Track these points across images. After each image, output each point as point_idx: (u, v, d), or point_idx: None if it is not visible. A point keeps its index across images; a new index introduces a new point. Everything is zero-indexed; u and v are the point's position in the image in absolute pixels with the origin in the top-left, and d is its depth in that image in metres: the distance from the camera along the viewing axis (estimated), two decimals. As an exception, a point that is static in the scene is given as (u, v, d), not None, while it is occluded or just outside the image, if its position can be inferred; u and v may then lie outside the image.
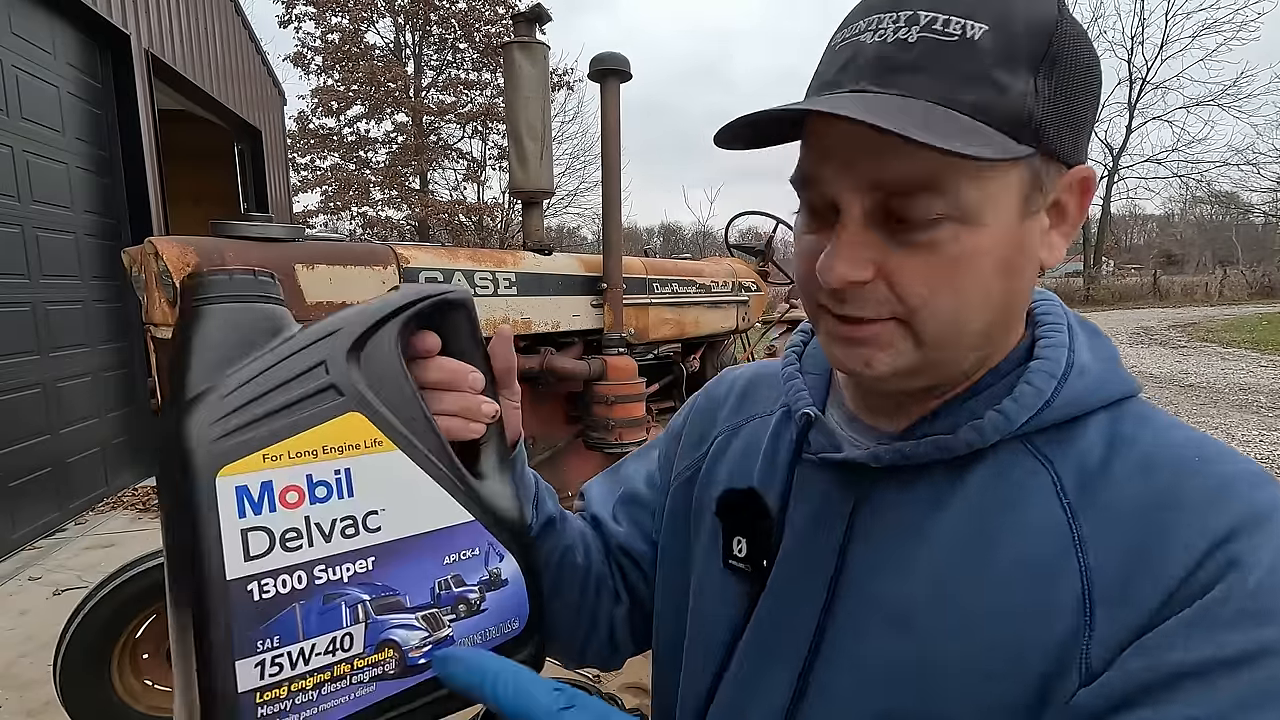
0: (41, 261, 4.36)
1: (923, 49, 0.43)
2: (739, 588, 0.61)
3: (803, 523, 0.58)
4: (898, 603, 0.50)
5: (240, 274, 0.46)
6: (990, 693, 0.45)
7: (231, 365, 0.43)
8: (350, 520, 0.44)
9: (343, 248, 1.83)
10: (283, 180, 9.51)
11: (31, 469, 4.24)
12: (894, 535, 0.52)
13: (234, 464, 0.40)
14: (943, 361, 0.50)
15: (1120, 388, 0.51)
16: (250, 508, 0.41)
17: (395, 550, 0.45)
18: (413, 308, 0.50)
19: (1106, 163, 25.64)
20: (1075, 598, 0.43)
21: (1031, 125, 0.44)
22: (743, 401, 0.71)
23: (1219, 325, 16.40)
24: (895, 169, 0.44)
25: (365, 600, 0.44)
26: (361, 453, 0.45)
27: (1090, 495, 0.46)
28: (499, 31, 18.20)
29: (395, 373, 0.48)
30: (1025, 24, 0.43)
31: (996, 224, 0.45)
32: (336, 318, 0.48)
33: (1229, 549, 0.41)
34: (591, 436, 2.43)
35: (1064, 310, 0.55)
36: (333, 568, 0.43)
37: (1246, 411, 7.23)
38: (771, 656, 0.57)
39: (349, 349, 0.46)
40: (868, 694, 0.50)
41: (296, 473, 0.42)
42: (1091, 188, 0.50)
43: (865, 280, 0.46)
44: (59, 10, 4.56)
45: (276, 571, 0.41)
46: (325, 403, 0.44)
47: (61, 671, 2.19)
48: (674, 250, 31.80)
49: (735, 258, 3.71)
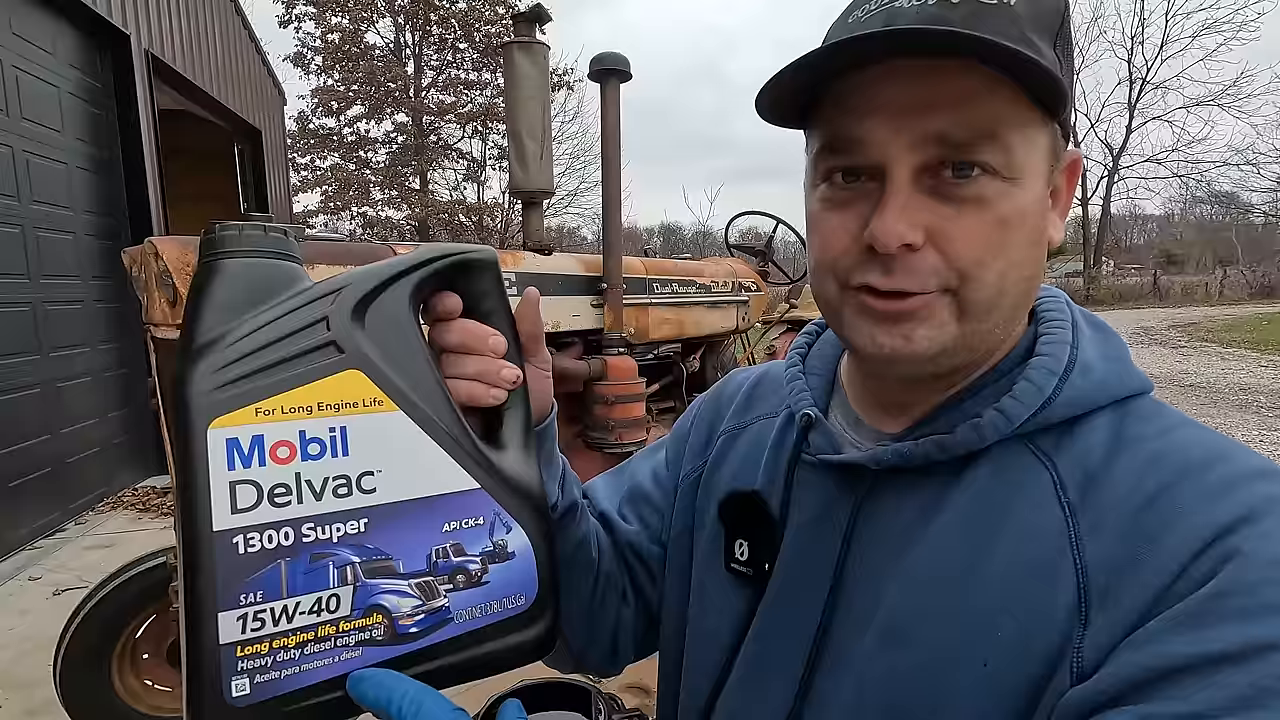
0: (41, 261, 4.36)
1: (967, 9, 0.43)
2: (741, 592, 0.60)
3: (803, 526, 0.57)
4: (898, 610, 0.49)
5: (252, 229, 0.45)
6: (989, 696, 0.44)
7: (238, 318, 0.43)
8: (343, 480, 0.43)
9: (343, 248, 1.83)
10: (283, 180, 9.51)
11: (31, 469, 4.24)
12: (893, 539, 0.51)
13: (226, 416, 0.40)
14: (976, 338, 0.49)
15: (1129, 385, 0.50)
16: (240, 460, 0.40)
17: (390, 513, 0.44)
18: (426, 267, 0.49)
19: (1106, 163, 25.67)
20: (1071, 597, 0.43)
21: (1059, 90, 0.44)
22: (748, 403, 0.70)
23: (1219, 325, 16.41)
24: (957, 118, 0.43)
25: (355, 562, 0.43)
26: (359, 411, 0.44)
27: (1090, 495, 0.45)
28: (499, 31, 18.20)
29: (405, 334, 0.47)
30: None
31: (1033, 186, 0.46)
32: (346, 275, 0.47)
33: (1229, 541, 0.40)
34: (591, 436, 2.43)
35: (1069, 306, 0.54)
36: (322, 527, 0.42)
37: (1247, 411, 7.23)
38: (772, 662, 0.56)
39: (354, 306, 0.45)
40: (868, 704, 0.49)
41: (289, 428, 0.42)
42: (1079, 171, 0.51)
43: (918, 244, 0.45)
44: (59, 10, 4.56)
45: (263, 526, 0.40)
46: (324, 359, 0.43)
47: (61, 671, 2.20)
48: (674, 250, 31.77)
49: (735, 258, 3.71)
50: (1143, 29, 29.21)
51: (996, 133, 0.44)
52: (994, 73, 0.43)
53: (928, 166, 0.45)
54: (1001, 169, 0.44)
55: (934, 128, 0.44)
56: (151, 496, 5.06)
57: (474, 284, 0.52)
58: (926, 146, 0.44)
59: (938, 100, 0.43)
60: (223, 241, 0.44)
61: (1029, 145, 0.45)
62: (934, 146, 0.44)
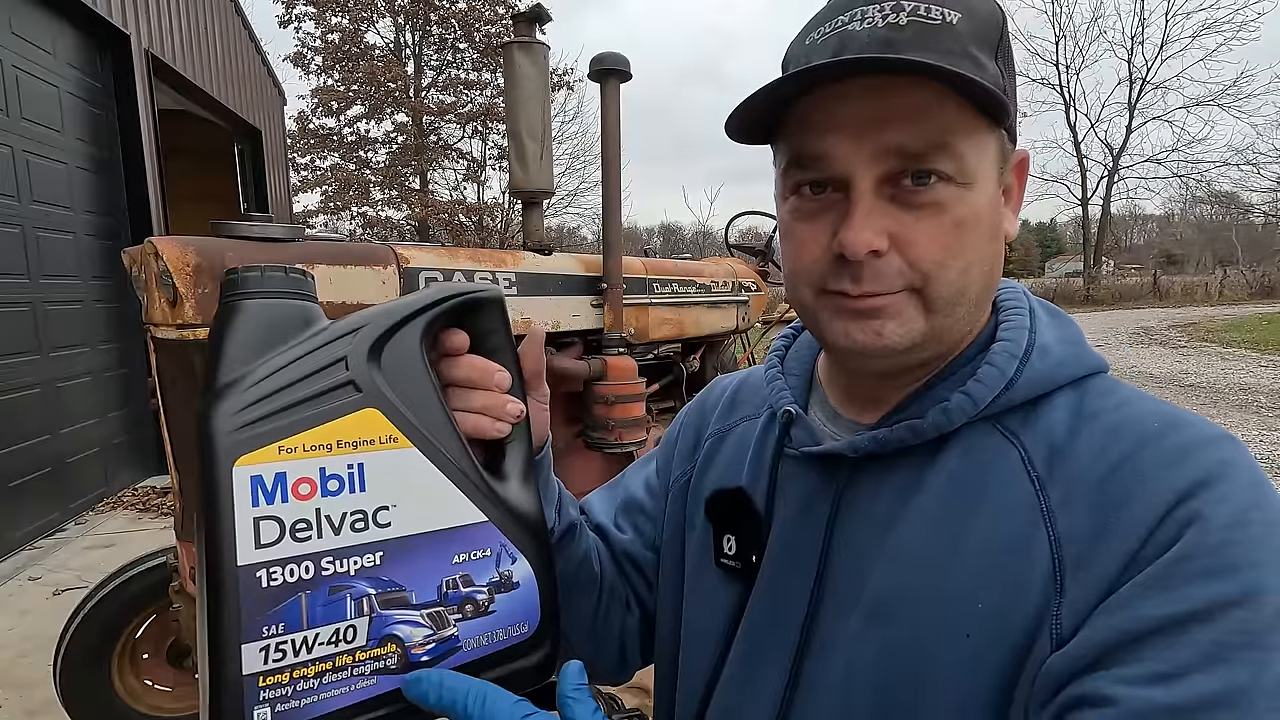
0: (41, 261, 4.36)
1: (914, 30, 0.47)
2: (731, 586, 0.62)
3: (788, 518, 0.59)
4: (881, 591, 0.51)
5: (273, 270, 0.47)
6: (972, 668, 0.46)
7: (259, 359, 0.44)
8: (360, 514, 0.44)
9: (343, 248, 1.83)
10: (283, 180, 9.51)
11: (31, 469, 4.24)
12: (873, 523, 0.53)
13: (250, 454, 0.42)
14: (944, 330, 0.52)
15: (1085, 365, 0.53)
16: (264, 497, 0.42)
17: (404, 547, 0.46)
18: (438, 306, 0.51)
19: (1106, 163, 25.66)
20: (1047, 566, 0.45)
21: (1001, 100, 0.47)
22: (732, 405, 0.72)
23: (1219, 325, 16.40)
24: (911, 131, 0.47)
25: (371, 594, 0.44)
26: (376, 448, 0.45)
27: (1057, 467, 0.48)
28: (499, 31, 18.19)
29: (417, 371, 0.49)
30: (985, 15, 0.49)
31: (985, 188, 0.50)
32: (362, 315, 0.48)
33: (1189, 505, 0.42)
34: (591, 436, 2.43)
35: (1025, 295, 0.57)
36: (340, 560, 0.43)
37: (1246, 411, 7.23)
38: (764, 653, 0.57)
39: (370, 346, 0.47)
40: (856, 684, 0.51)
41: (310, 465, 0.43)
42: (1028, 169, 0.56)
43: (883, 250, 0.48)
44: (59, 10, 4.56)
45: (285, 560, 0.42)
46: (342, 398, 0.45)
47: (61, 671, 2.19)
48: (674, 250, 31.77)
49: (735, 258, 3.71)
50: (1143, 29, 29.23)
51: (948, 142, 0.47)
52: (942, 88, 0.46)
53: (888, 176, 0.48)
54: (955, 175, 0.48)
55: (891, 140, 0.47)
56: (151, 496, 5.06)
57: (481, 322, 0.54)
58: (886, 158, 0.48)
59: (893, 115, 0.47)
60: (245, 283, 0.46)
61: (979, 151, 0.49)
62: (893, 158, 0.48)
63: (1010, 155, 0.53)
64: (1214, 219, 35.89)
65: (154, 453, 5.40)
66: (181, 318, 1.52)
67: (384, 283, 1.83)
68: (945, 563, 0.48)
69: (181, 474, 1.76)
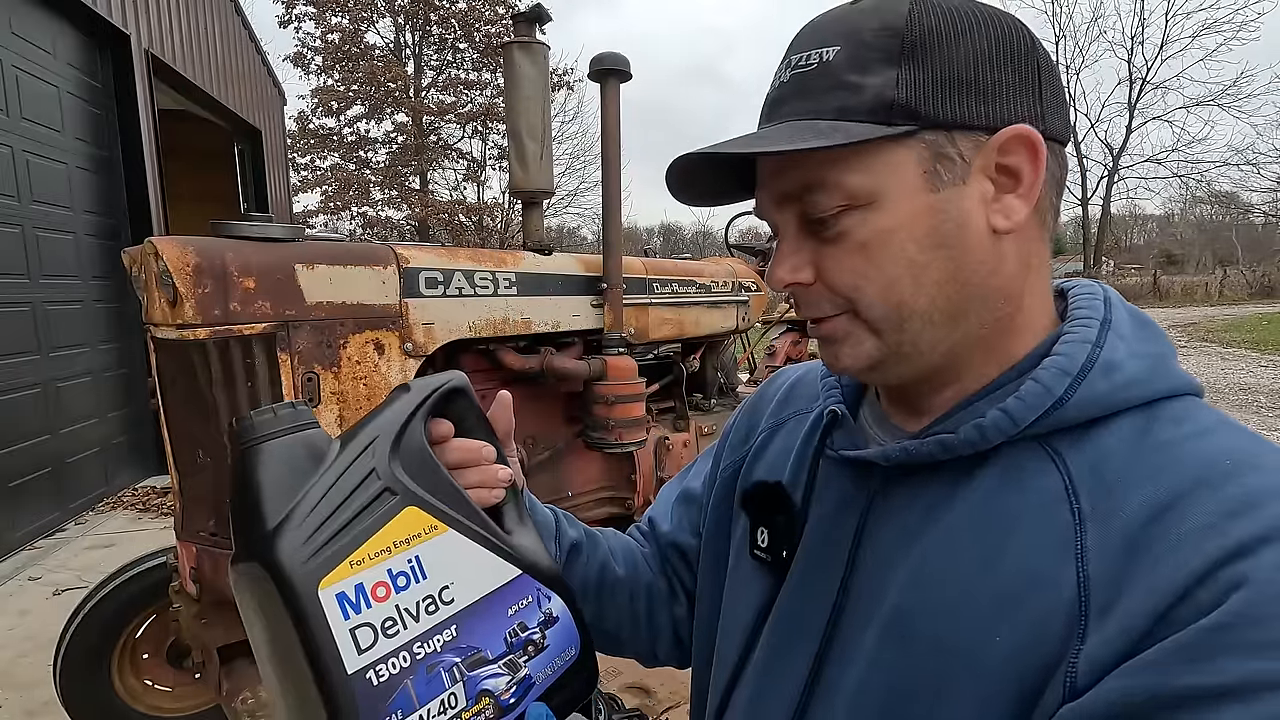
0: (41, 261, 4.36)
1: (793, 83, 0.51)
2: (763, 579, 0.63)
3: (822, 519, 0.59)
4: (900, 606, 0.50)
5: (282, 409, 0.51)
6: (980, 699, 0.44)
7: (293, 494, 0.48)
8: (430, 598, 0.50)
9: (343, 248, 1.83)
10: (283, 180, 9.51)
11: (31, 469, 4.24)
12: (900, 536, 0.52)
13: (328, 576, 0.47)
14: (908, 345, 0.51)
15: (1162, 386, 0.48)
16: (351, 609, 0.47)
17: (469, 614, 0.52)
18: (427, 402, 0.57)
19: (1106, 163, 25.65)
20: (1071, 610, 0.42)
21: (897, 108, 0.47)
22: (788, 399, 0.73)
23: (1219, 325, 16.40)
24: (786, 180, 0.52)
25: (458, 662, 0.50)
26: (424, 540, 0.52)
27: (1103, 501, 0.44)
28: (499, 31, 18.18)
29: (428, 462, 0.55)
30: (873, 33, 0.49)
31: (899, 201, 0.49)
32: (370, 428, 0.53)
33: (1238, 566, 0.37)
34: (591, 436, 2.42)
35: (1105, 302, 0.52)
36: (427, 641, 0.49)
37: (1247, 411, 7.23)
38: (788, 648, 0.58)
39: (389, 452, 0.52)
40: (869, 695, 0.50)
41: (379, 570, 0.49)
42: (1034, 144, 0.48)
43: (807, 282, 0.53)
44: (59, 10, 4.56)
45: (385, 657, 0.47)
46: (385, 505, 0.51)
47: (61, 671, 2.19)
48: (674, 250, 31.78)
49: (735, 258, 3.71)
50: (1143, 29, 29.18)
51: (823, 180, 0.49)
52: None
53: (804, 217, 0.52)
54: (849, 201, 0.49)
55: (780, 189, 0.53)
56: (151, 496, 5.06)
57: (458, 406, 0.60)
58: (788, 204, 0.53)
59: (777, 167, 0.53)
60: (259, 428, 0.50)
61: (872, 171, 0.48)
62: (791, 203, 0.52)
63: (975, 147, 0.48)
64: (1214, 219, 35.86)
65: (154, 453, 5.40)
66: (181, 318, 1.52)
67: (384, 283, 1.83)
68: (967, 587, 0.46)
69: (181, 474, 1.76)
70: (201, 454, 1.69)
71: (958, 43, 0.48)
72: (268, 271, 1.61)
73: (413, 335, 1.89)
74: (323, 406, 1.71)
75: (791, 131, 0.49)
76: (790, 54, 0.52)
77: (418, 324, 1.90)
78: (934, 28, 0.48)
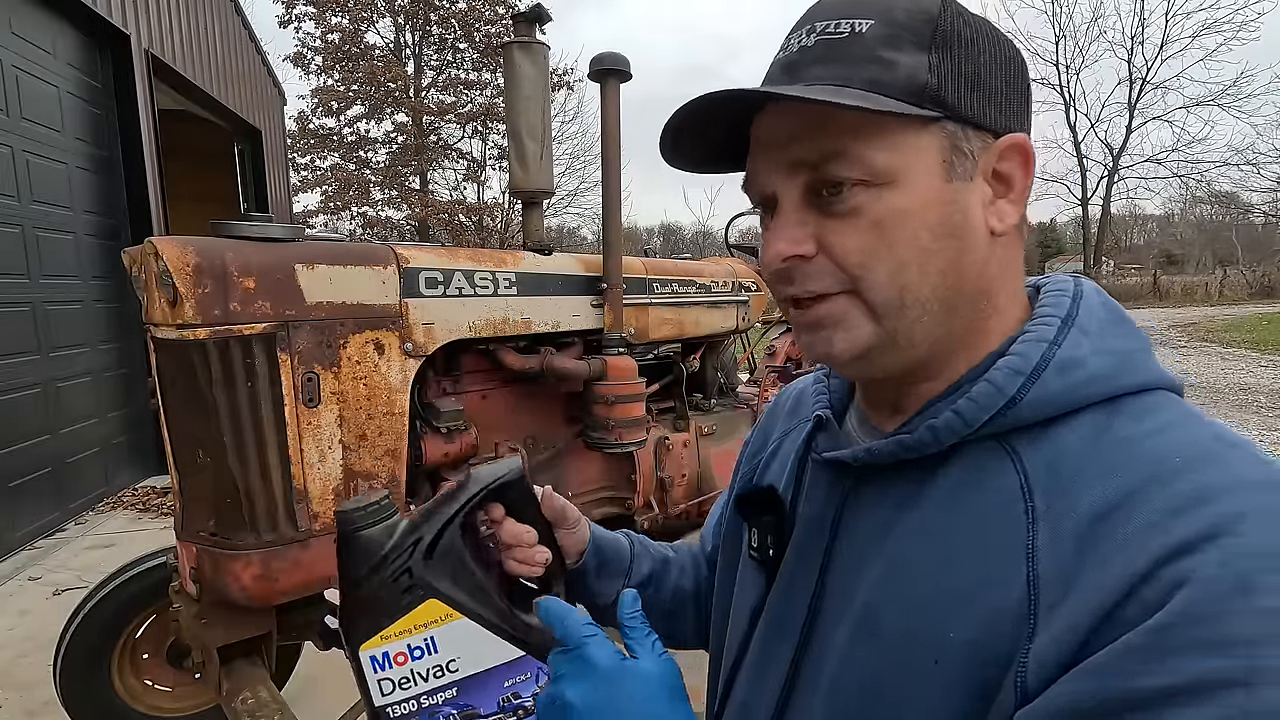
0: (41, 261, 4.36)
1: (819, 48, 0.50)
2: (758, 578, 0.65)
3: (806, 520, 0.61)
4: (869, 602, 0.51)
5: (381, 502, 0.67)
6: (940, 694, 0.44)
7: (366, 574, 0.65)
8: (438, 667, 0.67)
9: (343, 248, 1.83)
10: (283, 180, 9.51)
11: (31, 469, 4.24)
12: (869, 533, 0.54)
13: (367, 643, 0.66)
14: (903, 334, 0.50)
15: (1130, 381, 0.48)
16: (379, 667, 0.66)
17: (470, 681, 0.68)
18: (475, 499, 0.70)
19: (1106, 163, 25.63)
20: (1020, 607, 0.42)
21: (928, 93, 0.48)
22: (797, 407, 0.75)
23: (1219, 325, 16.40)
24: (803, 146, 0.50)
25: (454, 713, 0.68)
26: (439, 624, 0.67)
27: (1057, 498, 0.44)
28: (499, 31, 18.18)
29: (460, 558, 0.69)
30: (907, 13, 0.49)
31: (917, 184, 0.48)
32: (418, 526, 0.68)
33: (1183, 563, 0.37)
34: (591, 436, 2.42)
35: (1074, 298, 0.52)
36: (432, 695, 0.67)
37: (1246, 411, 7.23)
38: (774, 645, 0.59)
39: (425, 552, 0.67)
40: (843, 692, 0.51)
41: (400, 644, 0.66)
42: (1028, 155, 0.51)
43: (807, 254, 0.51)
44: (59, 10, 4.56)
45: (401, 701, 0.66)
46: (412, 596, 0.67)
47: (61, 671, 2.19)
48: (674, 250, 31.77)
49: (735, 258, 3.71)
50: (1143, 29, 29.14)
51: (845, 150, 0.48)
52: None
53: (811, 187, 0.50)
54: (869, 177, 0.48)
55: (794, 154, 0.50)
56: (151, 496, 5.06)
57: (512, 492, 0.73)
58: (797, 172, 0.51)
59: (794, 131, 0.50)
60: (364, 517, 0.66)
61: (897, 150, 0.48)
62: (802, 171, 0.50)
63: (981, 146, 0.50)
64: (1214, 219, 35.85)
65: (154, 453, 5.40)
66: (181, 318, 1.52)
67: (384, 283, 1.83)
68: (931, 583, 0.47)
69: (181, 474, 1.76)
70: (201, 454, 1.69)
71: (980, 45, 0.50)
72: (268, 271, 1.61)
73: (413, 335, 1.89)
74: (323, 406, 1.71)
75: (827, 93, 0.47)
76: (814, 19, 0.51)
77: (418, 324, 1.90)
78: (962, 27, 0.50)
